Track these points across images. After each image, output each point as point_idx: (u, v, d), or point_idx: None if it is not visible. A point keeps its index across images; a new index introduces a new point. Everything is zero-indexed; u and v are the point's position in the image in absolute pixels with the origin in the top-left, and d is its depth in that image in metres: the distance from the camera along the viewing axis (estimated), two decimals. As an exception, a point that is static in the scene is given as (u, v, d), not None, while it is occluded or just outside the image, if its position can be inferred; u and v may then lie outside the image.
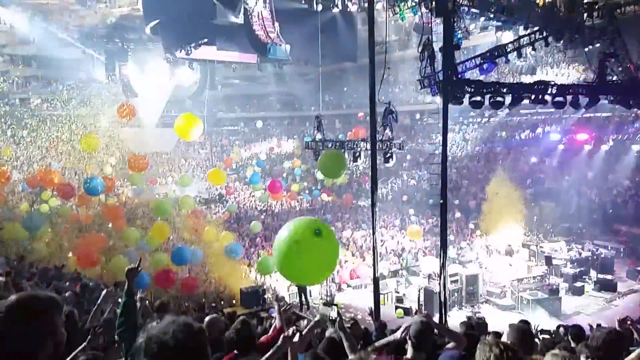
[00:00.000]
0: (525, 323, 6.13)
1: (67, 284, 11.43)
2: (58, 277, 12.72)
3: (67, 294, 8.25)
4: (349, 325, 5.53)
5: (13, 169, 24.78)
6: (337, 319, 3.70)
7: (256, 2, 17.69)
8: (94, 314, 5.46)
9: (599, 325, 7.15)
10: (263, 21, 18.10)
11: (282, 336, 2.97)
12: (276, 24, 18.53)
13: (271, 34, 18.37)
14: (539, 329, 7.11)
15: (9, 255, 15.19)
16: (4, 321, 1.86)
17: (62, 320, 2.03)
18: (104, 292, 5.82)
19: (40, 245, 16.16)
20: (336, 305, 3.86)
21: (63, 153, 25.40)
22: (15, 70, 38.34)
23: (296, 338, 2.93)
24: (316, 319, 3.64)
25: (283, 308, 5.00)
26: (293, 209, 29.21)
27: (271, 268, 14.12)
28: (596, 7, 15.52)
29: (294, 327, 3.06)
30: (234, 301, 15.90)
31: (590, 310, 16.01)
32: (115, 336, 3.58)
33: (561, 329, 7.73)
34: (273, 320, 5.53)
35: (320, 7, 19.09)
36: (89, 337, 3.82)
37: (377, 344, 4.42)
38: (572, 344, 5.39)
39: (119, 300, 3.75)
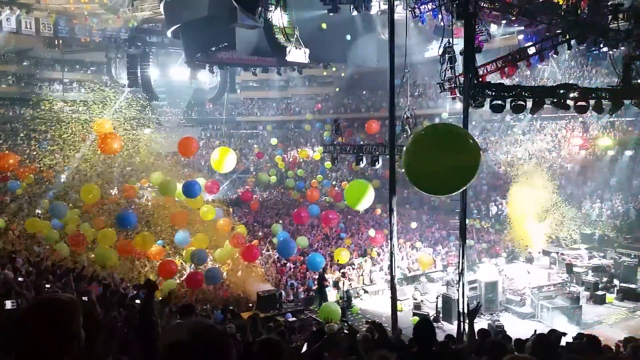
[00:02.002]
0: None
1: (87, 285, 11.56)
2: (78, 278, 12.85)
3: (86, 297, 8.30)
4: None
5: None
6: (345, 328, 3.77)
7: (276, 6, 17.72)
8: None
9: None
10: (283, 24, 18.13)
11: None
12: (296, 28, 18.55)
13: (290, 37, 18.39)
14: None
15: (30, 256, 15.45)
16: (25, 323, 1.89)
17: (81, 322, 2.03)
18: None
19: (61, 245, 16.39)
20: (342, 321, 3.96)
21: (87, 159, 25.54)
22: (41, 73, 39.17)
23: None
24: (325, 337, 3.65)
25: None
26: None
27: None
28: (621, 9, 15.19)
29: None
30: (250, 304, 15.92)
31: (612, 319, 15.63)
32: None
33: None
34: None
35: (339, 10, 19.04)
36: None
37: None
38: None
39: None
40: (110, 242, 15.57)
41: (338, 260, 18.21)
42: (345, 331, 4.19)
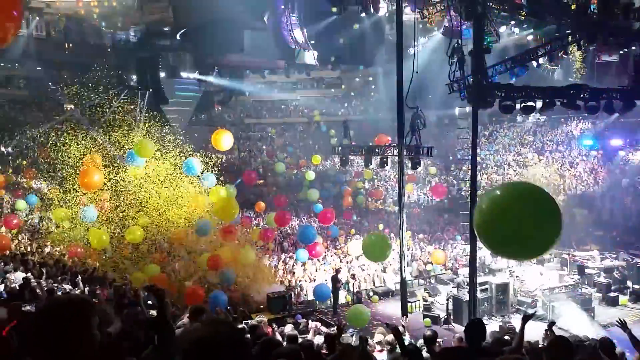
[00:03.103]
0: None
1: (97, 287, 11.65)
2: (89, 280, 12.96)
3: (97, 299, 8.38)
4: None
5: None
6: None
7: (285, 9, 17.80)
8: None
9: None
10: (291, 27, 18.20)
11: None
12: (304, 30, 18.61)
13: (299, 39, 18.46)
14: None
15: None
16: (40, 322, 1.95)
17: (97, 322, 2.08)
18: None
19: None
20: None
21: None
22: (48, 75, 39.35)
23: None
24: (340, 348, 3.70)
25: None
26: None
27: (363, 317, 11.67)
28: (632, 8, 15.07)
29: None
30: (261, 306, 15.89)
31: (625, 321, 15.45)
32: None
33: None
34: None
35: (347, 12, 19.11)
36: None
37: None
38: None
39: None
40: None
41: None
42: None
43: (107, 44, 32.88)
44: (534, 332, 6.51)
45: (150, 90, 30.69)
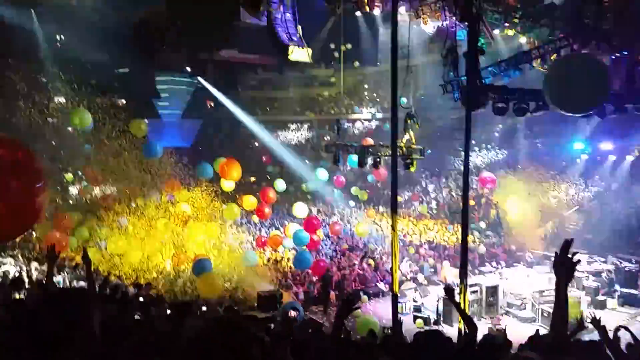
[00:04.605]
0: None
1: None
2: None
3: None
4: None
5: None
6: None
7: (280, 5, 17.68)
8: None
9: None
10: (286, 23, 18.08)
11: None
12: (299, 27, 18.51)
13: (294, 36, 18.35)
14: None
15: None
16: (37, 312, 1.99)
17: (98, 316, 2.08)
18: None
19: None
20: None
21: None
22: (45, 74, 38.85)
23: None
24: None
25: None
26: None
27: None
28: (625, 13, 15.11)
29: None
30: (255, 305, 15.75)
31: (613, 325, 15.54)
32: None
33: None
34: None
35: (341, 10, 19.05)
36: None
37: None
38: None
39: None
40: None
41: None
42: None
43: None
44: (525, 334, 6.45)
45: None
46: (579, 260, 3.19)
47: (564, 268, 3.19)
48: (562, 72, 9.26)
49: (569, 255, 3.15)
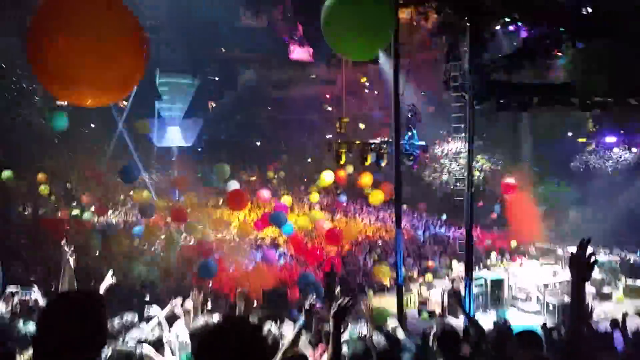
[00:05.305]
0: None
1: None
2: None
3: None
4: None
5: None
6: None
7: (281, 5, 17.75)
8: None
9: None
10: (286, 23, 18.15)
11: None
12: (300, 26, 18.57)
13: (294, 36, 18.41)
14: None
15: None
16: (49, 316, 1.95)
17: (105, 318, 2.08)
18: None
19: None
20: None
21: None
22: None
23: None
24: None
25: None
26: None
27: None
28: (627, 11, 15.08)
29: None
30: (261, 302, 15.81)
31: (618, 316, 15.58)
32: None
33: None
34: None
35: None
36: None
37: None
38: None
39: None
40: None
41: None
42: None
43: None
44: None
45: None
46: (597, 260, 3.16)
47: (581, 267, 3.17)
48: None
49: (586, 254, 3.12)
